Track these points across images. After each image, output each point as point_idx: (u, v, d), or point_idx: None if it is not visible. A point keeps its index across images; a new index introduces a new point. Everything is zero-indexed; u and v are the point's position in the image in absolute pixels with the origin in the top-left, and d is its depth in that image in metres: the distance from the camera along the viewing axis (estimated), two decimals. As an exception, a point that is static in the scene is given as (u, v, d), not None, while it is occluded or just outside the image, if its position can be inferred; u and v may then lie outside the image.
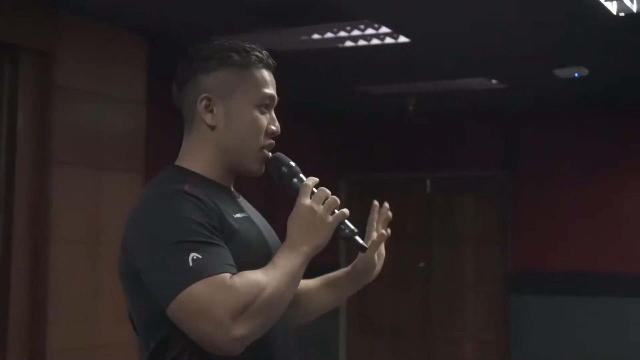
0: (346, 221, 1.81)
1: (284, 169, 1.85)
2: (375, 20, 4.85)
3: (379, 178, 8.34)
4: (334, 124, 8.22)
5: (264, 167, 1.86)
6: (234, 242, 1.71)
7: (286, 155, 1.87)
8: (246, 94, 1.81)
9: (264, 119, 1.83)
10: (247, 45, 1.83)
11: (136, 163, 5.06)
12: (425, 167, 8.09)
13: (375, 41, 5.23)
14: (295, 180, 1.84)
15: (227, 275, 1.61)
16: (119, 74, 5.04)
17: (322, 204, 1.77)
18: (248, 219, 1.83)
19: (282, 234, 1.81)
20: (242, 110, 1.81)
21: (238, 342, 1.59)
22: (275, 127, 1.85)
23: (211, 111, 1.80)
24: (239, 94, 1.81)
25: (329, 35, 5.11)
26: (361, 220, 8.10)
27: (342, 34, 5.09)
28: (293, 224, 1.75)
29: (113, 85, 5.01)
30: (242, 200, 1.90)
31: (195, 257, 1.60)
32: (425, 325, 8.12)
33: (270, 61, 1.86)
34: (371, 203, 2.19)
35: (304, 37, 5.19)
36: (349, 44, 5.27)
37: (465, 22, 4.93)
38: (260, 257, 1.73)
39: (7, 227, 4.59)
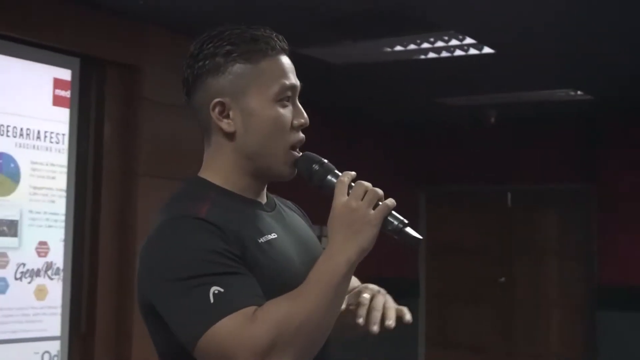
0: (393, 212, 1.51)
1: (315, 166, 1.59)
2: (461, 31, 4.79)
3: (459, 190, 8.24)
4: (414, 135, 8.16)
5: (295, 169, 1.62)
6: (256, 273, 1.50)
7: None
8: (262, 90, 1.57)
9: (287, 113, 1.59)
10: (255, 32, 1.60)
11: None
12: (506, 179, 7.96)
13: (459, 52, 5.16)
14: (329, 177, 1.57)
15: (251, 309, 1.42)
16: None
17: (362, 199, 1.49)
18: (276, 240, 1.59)
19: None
20: (260, 108, 1.57)
21: None
22: (303, 119, 1.61)
23: (227, 116, 1.58)
24: (254, 91, 1.57)
25: (412, 46, 5.06)
26: (442, 234, 7.98)
27: (425, 45, 5.03)
28: (331, 229, 1.50)
29: (197, 97, 5.04)
30: (275, 213, 1.68)
31: (216, 292, 1.42)
32: (507, 341, 7.96)
33: (284, 45, 1.62)
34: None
35: (386, 49, 5.15)
36: (431, 55, 5.21)
37: (551, 33, 4.83)
38: (288, 284, 1.50)
39: (94, 237, 4.69)
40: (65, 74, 4.56)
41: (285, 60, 1.62)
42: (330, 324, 1.48)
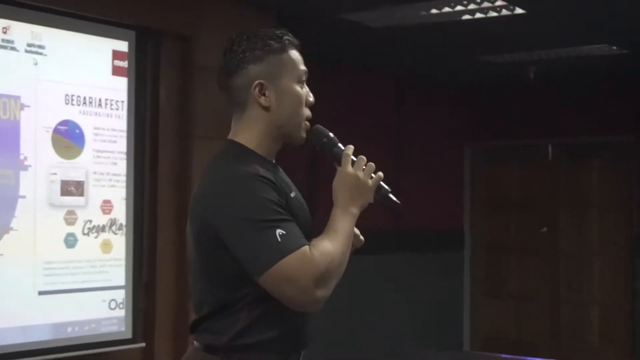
0: (381, 182, 2.06)
1: (324, 139, 2.10)
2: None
3: (502, 145, 8.43)
4: (458, 93, 8.34)
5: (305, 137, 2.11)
6: (295, 218, 1.96)
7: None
8: (289, 74, 2.06)
9: (304, 92, 2.08)
10: (278, 32, 2.10)
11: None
12: (548, 133, 8.11)
13: (492, 13, 5.37)
14: (335, 149, 2.08)
15: (307, 248, 1.89)
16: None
17: (363, 170, 2.03)
18: (297, 195, 2.07)
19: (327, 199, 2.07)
20: (288, 88, 2.05)
21: (320, 302, 1.91)
22: (311, 98, 2.11)
23: (264, 94, 2.04)
24: (284, 75, 2.05)
25: (447, 9, 5.30)
26: (487, 189, 8.36)
27: (459, 7, 5.26)
28: (340, 190, 2.03)
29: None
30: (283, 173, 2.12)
31: (281, 233, 1.87)
32: (552, 290, 8.17)
33: (297, 41, 2.12)
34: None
35: (423, 12, 5.40)
36: (466, 17, 5.44)
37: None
38: (310, 230, 2.02)
39: (153, 195, 5.04)
40: (123, 46, 4.88)
41: (298, 52, 2.12)
42: (347, 260, 1.99)
